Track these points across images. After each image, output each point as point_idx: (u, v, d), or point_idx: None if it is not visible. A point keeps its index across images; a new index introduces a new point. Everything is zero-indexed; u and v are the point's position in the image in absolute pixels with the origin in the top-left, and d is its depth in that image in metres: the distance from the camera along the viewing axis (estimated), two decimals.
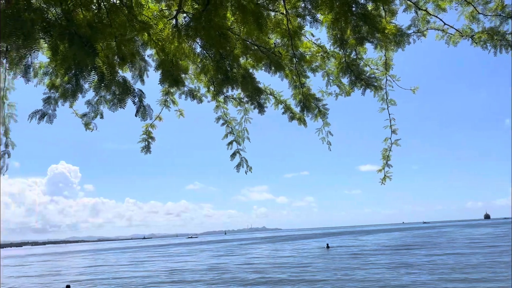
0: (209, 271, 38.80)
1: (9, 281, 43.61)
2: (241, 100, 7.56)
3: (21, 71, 5.02)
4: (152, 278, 35.94)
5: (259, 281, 28.78)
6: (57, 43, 3.77)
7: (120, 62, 4.74)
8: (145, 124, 7.77)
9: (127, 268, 49.41)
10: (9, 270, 64.64)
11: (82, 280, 37.97)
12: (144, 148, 7.90)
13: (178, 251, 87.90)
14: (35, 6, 3.55)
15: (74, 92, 4.88)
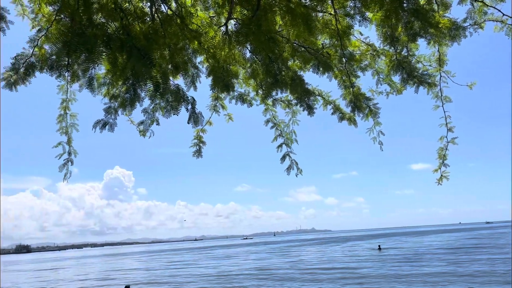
0: (261, 272, 38.99)
1: (72, 281, 46.12)
2: (290, 103, 7.57)
3: (85, 83, 5.33)
4: (206, 280, 36.63)
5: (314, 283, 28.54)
6: (116, 55, 3.98)
7: (174, 70, 4.92)
8: (196, 129, 7.98)
9: (183, 269, 50.72)
10: (72, 270, 68.29)
11: (140, 281, 39.37)
12: (196, 152, 8.08)
13: (231, 252, 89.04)
14: (96, 22, 3.78)
15: (133, 101, 5.12)
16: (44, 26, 6.26)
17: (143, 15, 4.34)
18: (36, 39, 6.24)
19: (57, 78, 6.43)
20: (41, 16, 6.47)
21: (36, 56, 6.26)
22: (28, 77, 6.29)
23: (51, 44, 4.93)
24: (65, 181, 7.54)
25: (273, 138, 8.37)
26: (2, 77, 6.19)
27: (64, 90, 7.06)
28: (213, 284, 33.08)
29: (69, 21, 3.45)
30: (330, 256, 55.03)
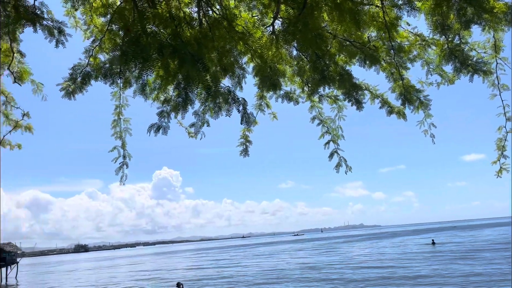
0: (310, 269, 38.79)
1: (128, 277, 48.04)
2: (337, 98, 7.50)
3: (139, 90, 5.56)
4: (255, 276, 36.93)
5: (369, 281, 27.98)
6: (168, 61, 4.12)
7: (222, 72, 5.02)
8: (242, 129, 8.08)
9: (232, 266, 51.42)
10: (128, 268, 71.08)
11: (191, 278, 40.32)
12: (243, 151, 8.16)
13: (278, 249, 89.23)
14: (149, 30, 3.94)
15: (185, 104, 5.28)
16: (97, 36, 6.58)
17: (191, 20, 4.46)
18: (91, 49, 6.57)
19: (110, 85, 6.74)
20: (93, 27, 6.81)
21: (91, 66, 6.58)
22: (85, 86, 6.62)
23: (111, 54, 5.17)
24: (121, 183, 7.89)
25: (320, 135, 8.31)
26: (61, 87, 6.56)
27: (117, 97, 7.38)
28: (262, 280, 33.32)
29: (124, 31, 3.63)
30: (381, 252, 53.76)
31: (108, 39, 6.40)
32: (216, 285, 33.36)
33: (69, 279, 56.25)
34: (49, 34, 5.49)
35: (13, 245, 61.17)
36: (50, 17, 5.47)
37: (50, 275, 68.40)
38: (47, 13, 5.35)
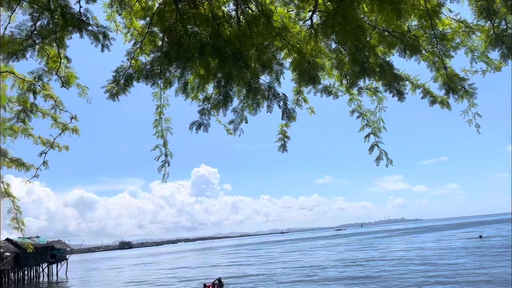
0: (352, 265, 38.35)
1: (172, 272, 49.27)
2: (377, 90, 7.37)
3: (180, 89, 5.70)
4: (295, 272, 36.92)
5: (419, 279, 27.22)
6: (209, 60, 4.20)
7: (261, 69, 5.05)
8: (280, 124, 8.09)
9: (271, 262, 51.62)
10: (170, 263, 72.83)
11: (232, 274, 40.81)
12: (281, 147, 8.17)
13: (318, 244, 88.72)
14: (190, 31, 4.03)
15: (226, 102, 5.36)
16: (138, 39, 6.77)
17: (229, 18, 4.52)
18: (132, 52, 6.78)
19: (151, 86, 6.93)
20: (132, 30, 7.01)
21: (133, 68, 6.79)
22: (128, 88, 6.84)
23: (152, 55, 5.31)
24: (164, 180, 8.10)
25: (360, 128, 8.20)
26: (106, 89, 6.81)
27: (158, 97, 7.58)
28: (302, 277, 33.25)
29: (167, 32, 3.74)
30: (423, 247, 52.23)
31: (148, 41, 6.58)
32: (257, 281, 33.61)
33: (117, 275, 58.39)
34: (94, 39, 5.71)
35: (62, 243, 64.13)
36: (95, 23, 5.69)
37: (98, 271, 71.27)
38: (92, 19, 5.57)
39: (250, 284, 31.77)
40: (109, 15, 6.80)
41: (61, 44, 6.02)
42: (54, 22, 5.39)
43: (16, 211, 10.43)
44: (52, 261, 60.32)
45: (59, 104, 8.02)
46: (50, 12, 5.39)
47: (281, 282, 31.20)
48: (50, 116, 9.06)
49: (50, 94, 7.82)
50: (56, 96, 7.96)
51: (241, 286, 31.32)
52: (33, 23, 5.73)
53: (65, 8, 5.04)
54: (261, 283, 32.31)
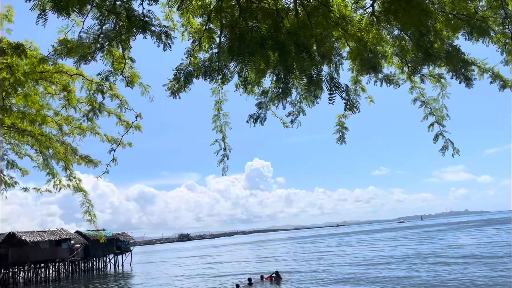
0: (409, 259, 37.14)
1: (230, 263, 50.35)
2: (441, 77, 7.02)
3: (241, 84, 5.78)
4: (351, 265, 36.33)
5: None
6: (269, 54, 4.21)
7: (321, 60, 5.00)
8: (337, 115, 7.96)
9: (328, 255, 51.21)
10: (228, 255, 74.39)
11: (289, 267, 40.93)
12: (339, 139, 8.03)
13: (375, 237, 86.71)
14: (251, 25, 4.07)
15: (285, 94, 5.37)
16: (196, 37, 6.93)
17: (288, 10, 4.50)
18: (191, 49, 6.95)
19: (210, 82, 7.08)
20: (189, 28, 7.18)
21: (192, 65, 6.96)
22: (188, 85, 7.02)
23: (210, 52, 5.42)
24: (223, 174, 8.27)
25: (423, 117, 7.88)
26: (167, 87, 7.04)
27: (217, 92, 7.72)
28: (359, 270, 32.64)
29: (230, 28, 3.80)
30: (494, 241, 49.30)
31: (206, 38, 6.71)
32: (314, 274, 33.46)
33: (177, 266, 60.62)
34: (157, 39, 5.92)
35: (126, 235, 67.45)
36: (157, 23, 5.90)
37: (161, 262, 74.39)
38: (155, 19, 5.77)
39: (307, 278, 31.70)
40: (166, 14, 7.02)
41: (125, 45, 6.30)
42: (120, 24, 5.66)
43: (88, 204, 11.12)
44: (118, 252, 63.66)
45: (124, 103, 8.42)
46: (115, 15, 5.66)
47: (339, 275, 30.85)
48: (115, 115, 9.55)
49: (116, 94, 8.23)
50: (121, 95, 8.36)
51: (298, 279, 31.33)
52: (100, 27, 6.04)
53: (130, 11, 5.26)
54: (318, 276, 32.13)
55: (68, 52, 6.27)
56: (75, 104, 9.05)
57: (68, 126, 11.09)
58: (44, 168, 11.53)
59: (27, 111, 9.44)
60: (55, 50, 6.42)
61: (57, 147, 10.89)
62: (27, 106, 9.37)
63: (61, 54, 6.35)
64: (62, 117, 10.64)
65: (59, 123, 10.79)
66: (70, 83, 8.84)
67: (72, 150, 11.54)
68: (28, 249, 47.45)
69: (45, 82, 8.84)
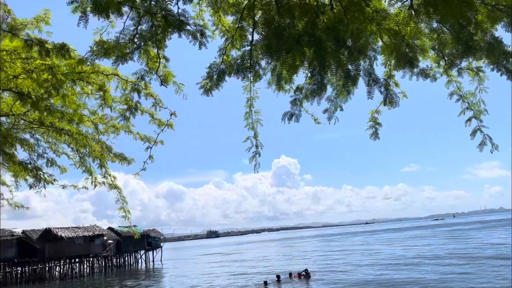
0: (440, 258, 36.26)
1: (257, 261, 50.55)
2: (480, 70, 6.82)
3: (274, 81, 5.79)
4: (380, 264, 35.77)
5: None
6: (304, 50, 4.20)
7: (356, 55, 4.94)
8: (370, 111, 7.86)
9: (354, 253, 50.64)
10: (256, 252, 74.67)
11: (315, 264, 40.73)
12: (373, 134, 7.93)
13: (405, 236, 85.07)
14: (288, 22, 4.07)
15: (320, 91, 5.35)
16: (228, 35, 6.97)
17: (323, 6, 4.47)
18: (224, 47, 7.01)
19: (242, 79, 7.12)
20: (221, 26, 7.23)
21: (224, 63, 7.02)
22: (220, 83, 7.08)
23: (242, 50, 5.43)
24: (255, 171, 8.31)
25: (460, 112, 7.68)
26: (200, 85, 7.12)
27: (248, 90, 7.75)
28: (388, 269, 32.09)
29: (267, 25, 3.82)
30: None
31: (239, 36, 6.75)
32: (343, 272, 33.17)
33: (207, 263, 61.35)
34: (192, 37, 6.00)
35: (156, 231, 68.73)
36: (192, 22, 5.97)
37: (191, 259, 75.48)
38: (190, 18, 5.85)
39: (336, 276, 31.45)
40: (197, 13, 7.10)
41: (160, 45, 6.42)
42: (155, 24, 5.77)
43: (123, 201, 11.41)
44: (149, 248, 64.99)
45: (159, 102, 8.58)
46: (151, 15, 5.77)
47: (368, 275, 30.45)
48: (148, 113, 9.75)
49: (151, 93, 8.40)
50: (156, 94, 8.53)
51: (327, 277, 31.12)
52: (135, 27, 6.17)
53: (166, 11, 5.35)
54: (347, 274, 31.82)
55: (105, 53, 6.43)
56: (110, 103, 9.30)
57: (103, 125, 11.42)
58: (81, 165, 11.90)
59: (65, 111, 9.75)
60: (92, 51, 6.60)
61: (93, 145, 11.21)
62: (65, 106, 9.67)
63: (98, 55, 6.53)
64: (98, 116, 10.96)
65: (94, 122, 11.12)
66: (105, 83, 9.09)
67: (107, 148, 11.86)
68: (63, 245, 49.08)
69: (82, 83, 9.11)
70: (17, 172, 11.87)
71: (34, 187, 12.21)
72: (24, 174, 11.85)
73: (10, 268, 45.91)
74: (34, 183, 12.17)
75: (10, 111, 10.07)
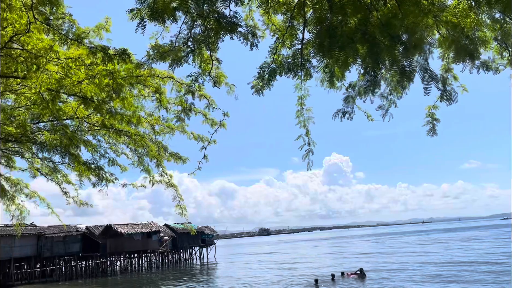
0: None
1: (310, 259, 50.30)
2: None
3: (327, 79, 5.76)
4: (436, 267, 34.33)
5: None
6: (357, 47, 4.15)
7: (412, 50, 4.79)
8: (427, 106, 7.60)
9: (413, 254, 48.97)
10: (309, 250, 74.31)
11: (369, 264, 39.82)
12: (430, 131, 7.68)
13: (466, 235, 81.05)
14: (340, 20, 4.03)
15: (373, 87, 5.25)
16: (280, 35, 7.01)
17: (376, 2, 4.38)
18: (275, 47, 7.06)
19: (293, 78, 7.14)
20: (271, 26, 7.28)
21: (275, 62, 7.07)
22: (271, 82, 7.14)
23: (311, 47, 5.41)
24: (308, 169, 8.29)
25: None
26: (252, 85, 7.22)
27: (299, 88, 7.75)
28: (447, 271, 30.69)
29: (318, 23, 3.82)
30: None
31: (289, 35, 6.77)
32: (399, 273, 32.19)
33: (261, 259, 61.92)
34: (244, 39, 6.11)
35: (210, 228, 70.24)
36: (244, 24, 6.08)
37: (244, 255, 76.53)
38: (242, 19, 5.96)
39: (392, 276, 30.57)
40: (247, 14, 7.19)
41: (213, 47, 6.58)
42: (208, 28, 5.92)
43: (179, 199, 11.83)
44: (203, 245, 66.60)
45: (212, 102, 8.81)
46: (204, 19, 5.94)
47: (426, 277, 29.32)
48: (201, 114, 10.03)
49: (204, 94, 8.64)
50: (209, 95, 8.77)
51: (383, 277, 30.34)
52: (189, 31, 6.37)
53: (219, 14, 5.49)
54: (403, 275, 30.84)
55: (161, 56, 6.70)
56: (166, 105, 9.67)
57: (159, 125, 11.90)
58: (139, 165, 12.46)
59: (124, 113, 10.25)
60: (148, 55, 6.90)
61: (150, 145, 11.70)
62: (123, 109, 10.18)
63: (154, 59, 6.81)
64: (154, 117, 11.43)
65: (151, 123, 11.61)
66: (161, 86, 9.47)
67: (163, 148, 12.35)
68: (123, 240, 51.48)
69: (139, 86, 9.55)
70: (81, 171, 12.62)
71: (97, 186, 12.95)
72: (88, 173, 12.58)
73: (75, 262, 48.90)
74: (97, 182, 12.90)
75: (74, 115, 10.74)
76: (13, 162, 14.14)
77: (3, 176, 14.28)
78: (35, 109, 10.84)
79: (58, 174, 14.44)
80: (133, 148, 12.49)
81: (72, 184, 14.95)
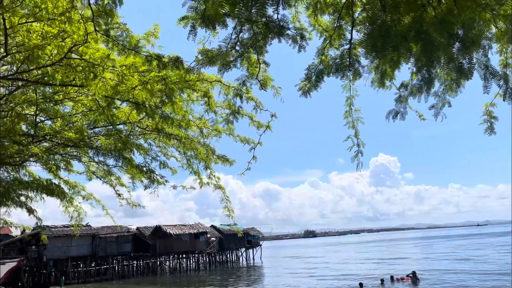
0: None
1: (358, 262, 49.33)
2: None
3: (378, 79, 5.67)
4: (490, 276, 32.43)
5: None
6: (410, 46, 4.05)
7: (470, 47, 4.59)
8: (484, 104, 7.29)
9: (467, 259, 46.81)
10: (357, 253, 72.90)
11: (422, 268, 38.46)
12: (488, 129, 7.37)
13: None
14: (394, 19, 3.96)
15: (428, 86, 5.10)
16: (327, 36, 6.95)
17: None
18: (322, 48, 7.01)
19: (341, 78, 7.06)
20: (317, 27, 7.24)
21: (323, 63, 7.02)
22: (319, 83, 7.10)
23: (362, 48, 5.34)
24: (358, 170, 8.16)
25: None
26: (299, 87, 7.22)
27: (348, 88, 7.66)
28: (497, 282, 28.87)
29: (370, 24, 3.77)
30: None
31: (337, 35, 6.71)
32: (451, 278, 30.83)
33: (307, 261, 61.50)
34: (292, 41, 6.13)
35: (256, 230, 70.61)
36: (292, 26, 6.10)
37: (289, 257, 76.33)
38: (290, 22, 5.98)
39: (446, 281, 29.34)
40: (293, 16, 7.19)
41: (261, 51, 6.65)
42: (256, 32, 5.99)
43: (227, 200, 12.01)
44: (249, 246, 67.07)
45: (259, 104, 8.89)
46: (251, 23, 6.01)
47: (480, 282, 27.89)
48: (247, 116, 10.15)
49: (251, 96, 8.74)
50: (256, 97, 8.85)
51: (437, 282, 29.18)
52: (236, 36, 6.47)
53: (267, 17, 5.54)
54: (457, 279, 29.53)
55: (209, 61, 6.85)
56: (214, 108, 9.88)
57: (206, 129, 12.15)
58: (188, 167, 12.78)
59: (174, 117, 10.56)
60: (197, 60, 7.07)
61: (199, 148, 11.97)
62: (173, 113, 10.48)
63: (203, 63, 6.97)
64: (202, 121, 11.70)
65: (199, 127, 11.88)
66: (209, 90, 9.67)
67: (211, 150, 12.61)
68: (172, 241, 52.87)
69: (188, 90, 9.82)
70: (134, 174, 13.15)
71: (148, 188, 13.43)
72: (140, 176, 13.08)
73: (127, 262, 50.82)
74: (149, 184, 13.38)
75: (127, 120, 11.19)
76: (71, 165, 14.93)
77: (62, 179, 15.12)
78: (91, 116, 11.43)
79: (112, 176, 15.11)
80: (182, 150, 12.84)
81: (125, 186, 15.59)
